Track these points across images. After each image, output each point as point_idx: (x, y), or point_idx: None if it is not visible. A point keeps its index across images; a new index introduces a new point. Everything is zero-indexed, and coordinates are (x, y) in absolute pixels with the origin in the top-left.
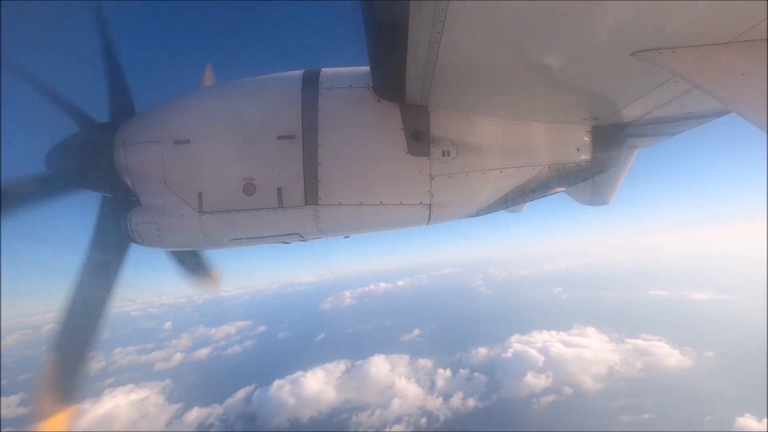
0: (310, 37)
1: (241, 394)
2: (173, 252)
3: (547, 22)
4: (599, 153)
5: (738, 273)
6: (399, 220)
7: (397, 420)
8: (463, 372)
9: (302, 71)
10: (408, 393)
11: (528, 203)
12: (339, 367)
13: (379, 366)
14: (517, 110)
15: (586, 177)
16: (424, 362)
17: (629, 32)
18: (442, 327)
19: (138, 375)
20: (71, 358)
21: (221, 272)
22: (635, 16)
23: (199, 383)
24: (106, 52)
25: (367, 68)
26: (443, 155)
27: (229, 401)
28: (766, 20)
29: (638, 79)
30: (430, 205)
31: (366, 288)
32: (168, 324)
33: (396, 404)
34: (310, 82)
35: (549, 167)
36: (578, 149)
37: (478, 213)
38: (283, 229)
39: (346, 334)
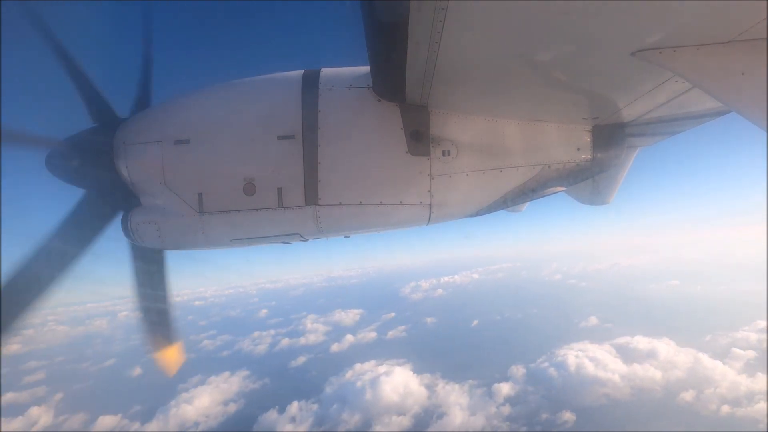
0: (310, 37)
1: (519, 370)
2: (142, 303)
3: (547, 21)
4: (599, 153)
5: None
6: (399, 220)
7: (749, 398)
8: (752, 353)
9: (302, 71)
10: (725, 372)
11: (528, 203)
12: (600, 347)
13: (653, 345)
14: (517, 110)
15: (586, 177)
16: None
17: (629, 32)
18: (619, 314)
19: (324, 356)
20: None
21: (182, 353)
22: (635, 16)
23: (448, 362)
24: (145, 49)
25: (367, 68)
26: (443, 155)
27: (515, 376)
28: (766, 20)
29: (638, 79)
30: (430, 204)
31: (441, 279)
32: (264, 311)
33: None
34: (310, 83)
35: (549, 167)
36: (578, 149)
37: (479, 213)
38: (284, 229)
39: (498, 321)
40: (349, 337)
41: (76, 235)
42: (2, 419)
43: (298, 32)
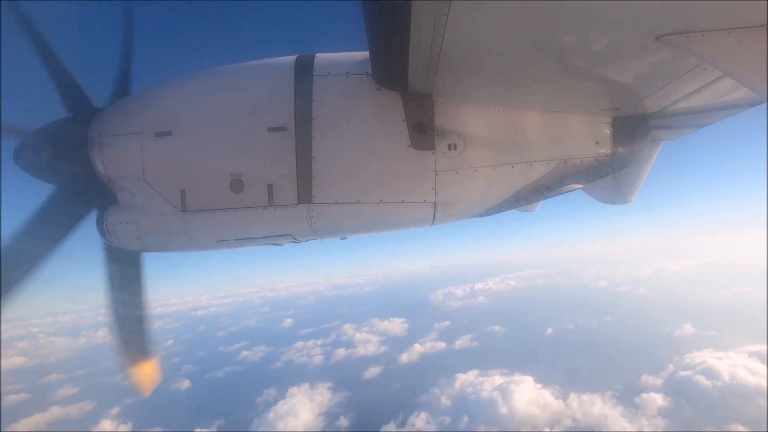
0: (303, 20)
1: (655, 380)
2: (115, 315)
3: (564, 3)
4: (620, 147)
5: None
6: (401, 220)
7: None
8: None
9: (295, 57)
10: None
11: (542, 202)
12: (736, 355)
13: None
14: (530, 100)
15: (606, 173)
16: None
17: (653, 14)
18: (712, 322)
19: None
20: None
21: (159, 368)
22: None
23: (559, 372)
24: (126, 33)
25: (365, 53)
26: (449, 149)
27: (654, 386)
28: None
29: (663, 66)
30: (434, 203)
31: (474, 286)
32: (289, 321)
33: None
34: (304, 69)
35: (565, 162)
36: (597, 143)
37: (488, 212)
38: (274, 229)
39: (574, 330)
40: (418, 347)
41: (43, 235)
42: None
43: (291, 13)
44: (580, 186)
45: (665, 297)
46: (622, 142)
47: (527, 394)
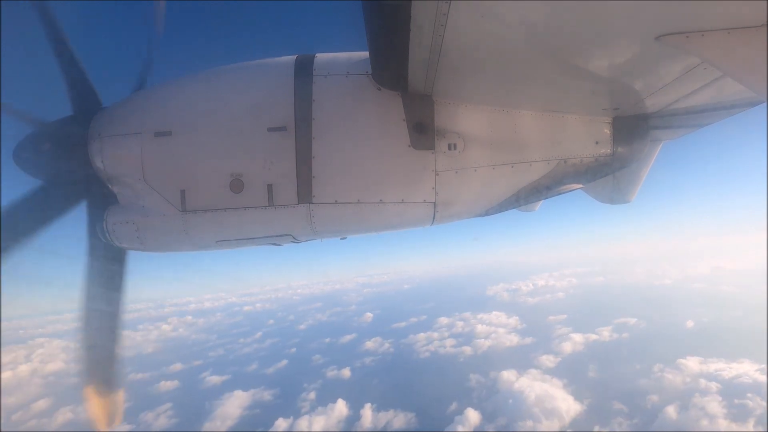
0: (303, 20)
1: None
2: (85, 345)
3: (565, 3)
4: (620, 147)
5: None
6: (401, 220)
7: None
8: None
9: (295, 56)
10: None
11: (542, 201)
12: None
13: None
14: (530, 100)
15: (606, 173)
16: None
17: (653, 14)
18: None
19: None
20: None
21: (122, 402)
22: None
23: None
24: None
25: (365, 53)
26: (449, 149)
27: None
28: None
29: (663, 66)
30: (434, 203)
31: (537, 282)
32: (369, 315)
33: None
34: (304, 69)
35: (565, 162)
36: (597, 142)
37: (488, 212)
38: (274, 229)
39: (709, 323)
40: (577, 337)
41: (15, 227)
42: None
43: (291, 14)
44: (580, 186)
45: (754, 293)
46: (622, 142)
47: None
